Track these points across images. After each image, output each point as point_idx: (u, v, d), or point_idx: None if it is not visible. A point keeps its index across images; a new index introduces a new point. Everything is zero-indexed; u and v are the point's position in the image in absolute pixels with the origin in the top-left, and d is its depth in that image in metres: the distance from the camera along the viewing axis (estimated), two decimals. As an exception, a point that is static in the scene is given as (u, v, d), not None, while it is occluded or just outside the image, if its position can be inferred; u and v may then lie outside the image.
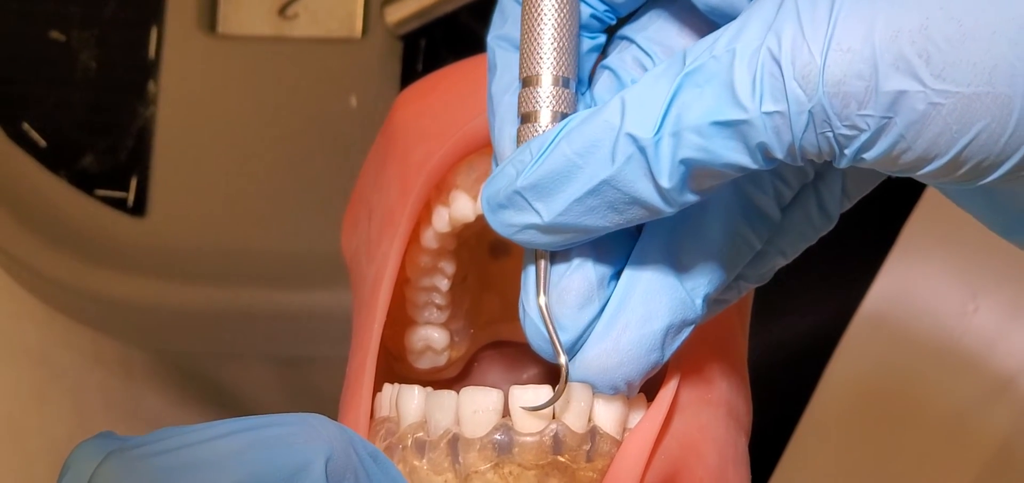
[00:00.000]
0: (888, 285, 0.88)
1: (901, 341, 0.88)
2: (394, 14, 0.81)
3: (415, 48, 0.82)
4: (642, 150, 0.43)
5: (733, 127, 0.41)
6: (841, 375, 0.89)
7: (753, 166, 0.42)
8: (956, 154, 0.40)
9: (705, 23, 0.47)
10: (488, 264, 0.59)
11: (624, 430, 0.49)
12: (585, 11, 0.48)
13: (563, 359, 0.46)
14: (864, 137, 0.41)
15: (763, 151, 0.41)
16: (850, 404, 0.89)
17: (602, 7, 0.48)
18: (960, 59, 0.39)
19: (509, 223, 0.46)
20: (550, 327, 0.46)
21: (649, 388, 0.50)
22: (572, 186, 0.44)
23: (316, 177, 0.81)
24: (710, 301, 0.48)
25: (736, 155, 0.42)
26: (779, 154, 0.41)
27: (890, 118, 0.40)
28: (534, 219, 0.45)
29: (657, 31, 0.48)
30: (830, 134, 0.41)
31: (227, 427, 0.40)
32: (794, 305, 0.91)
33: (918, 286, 0.88)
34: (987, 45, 0.39)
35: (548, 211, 0.45)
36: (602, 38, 0.49)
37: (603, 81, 0.48)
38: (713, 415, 0.51)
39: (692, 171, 0.42)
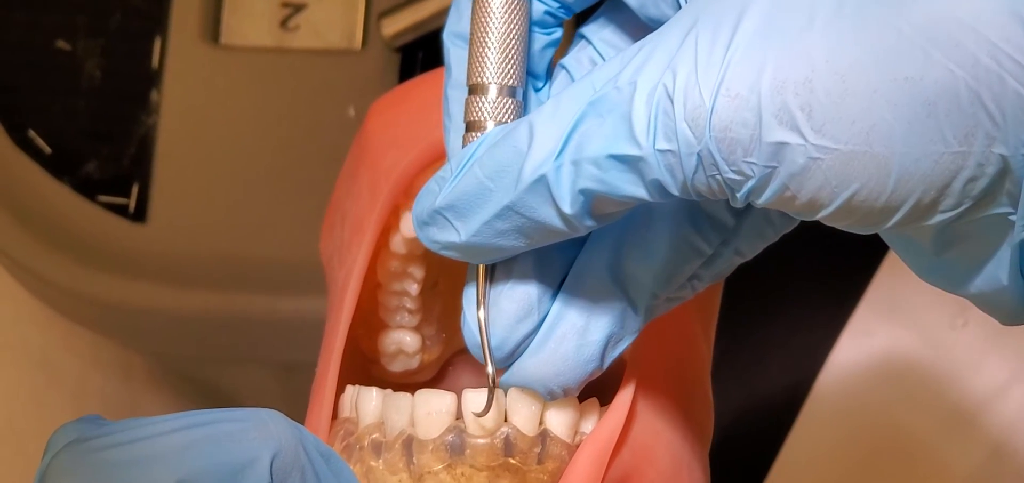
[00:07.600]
0: (877, 299, 0.88)
1: (888, 355, 0.88)
2: (390, 27, 0.81)
3: (413, 60, 0.83)
4: (543, 177, 0.42)
5: (629, 162, 0.41)
6: (830, 387, 0.89)
7: (651, 200, 0.41)
8: (841, 205, 0.40)
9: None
10: (459, 269, 0.60)
11: (576, 434, 0.49)
12: (539, 8, 0.47)
13: (490, 370, 0.47)
14: (752, 183, 0.40)
15: (658, 187, 0.41)
16: (839, 415, 0.89)
17: (555, 4, 0.47)
18: (840, 116, 0.39)
19: (434, 240, 0.45)
20: (483, 340, 0.47)
21: (603, 391, 0.51)
22: (484, 208, 0.44)
23: (313, 185, 0.81)
24: (656, 307, 0.47)
25: (633, 188, 0.41)
26: (674, 191, 0.41)
27: (774, 167, 0.39)
28: (454, 238, 0.45)
29: (613, 34, 0.48)
30: (719, 177, 0.40)
31: (182, 421, 0.40)
32: (785, 317, 0.91)
33: (906, 300, 0.88)
34: (867, 104, 0.38)
35: (465, 231, 0.44)
36: (558, 33, 0.48)
37: (560, 81, 0.48)
38: (668, 420, 0.52)
39: (593, 200, 0.42)
